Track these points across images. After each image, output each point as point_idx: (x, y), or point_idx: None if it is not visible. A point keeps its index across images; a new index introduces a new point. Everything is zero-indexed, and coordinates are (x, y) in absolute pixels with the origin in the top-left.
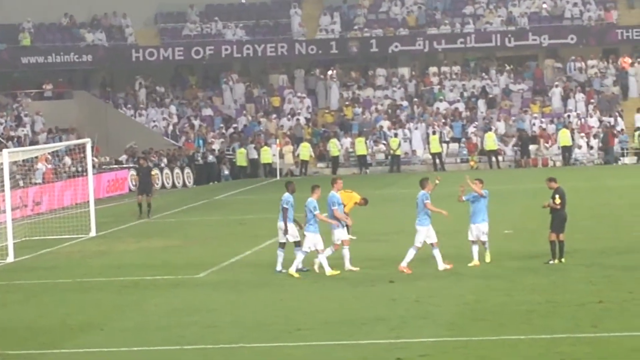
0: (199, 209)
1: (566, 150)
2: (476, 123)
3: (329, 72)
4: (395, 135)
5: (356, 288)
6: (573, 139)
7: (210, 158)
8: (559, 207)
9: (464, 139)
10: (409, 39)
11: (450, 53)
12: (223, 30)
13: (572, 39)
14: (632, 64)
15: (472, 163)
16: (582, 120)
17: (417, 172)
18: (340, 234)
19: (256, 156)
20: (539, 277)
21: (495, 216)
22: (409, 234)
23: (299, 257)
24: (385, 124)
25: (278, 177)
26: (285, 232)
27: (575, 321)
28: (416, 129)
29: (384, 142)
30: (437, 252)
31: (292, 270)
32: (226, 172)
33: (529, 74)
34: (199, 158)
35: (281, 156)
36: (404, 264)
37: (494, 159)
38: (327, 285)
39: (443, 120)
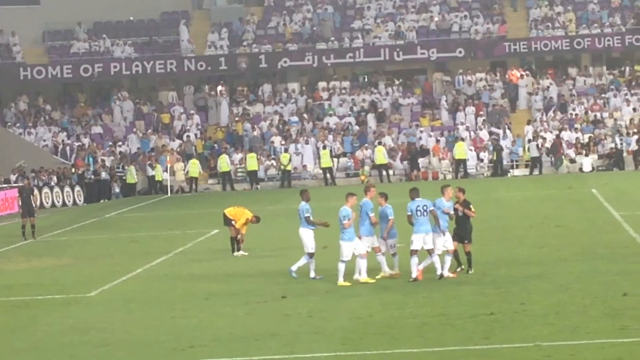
0: (90, 227)
1: (461, 163)
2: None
3: (219, 88)
4: (286, 150)
5: (248, 304)
6: (478, 153)
7: (104, 175)
8: (473, 215)
9: (349, 153)
10: (297, 54)
11: (340, 68)
12: (112, 47)
13: (460, 52)
14: (520, 77)
15: (362, 177)
16: (472, 133)
17: (308, 187)
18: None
19: (150, 173)
20: (431, 290)
21: None
22: (299, 249)
23: (308, 263)
24: (276, 139)
25: (169, 194)
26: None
27: (467, 333)
28: (307, 143)
29: (274, 157)
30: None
31: (350, 278)
32: (117, 189)
33: (417, 87)
34: (90, 176)
35: (172, 173)
36: (444, 271)
37: (384, 172)
38: (219, 302)
39: (333, 135)
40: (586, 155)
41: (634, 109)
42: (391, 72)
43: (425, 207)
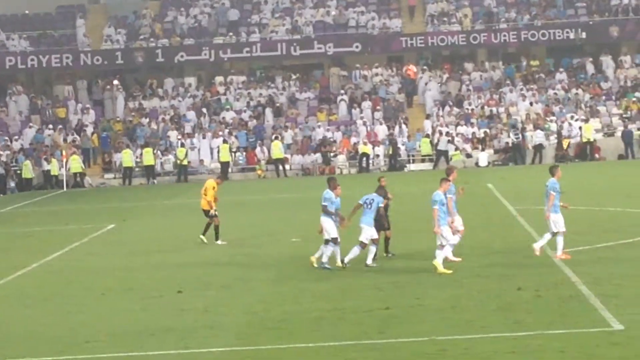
0: None
1: (364, 157)
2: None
3: (115, 83)
4: (182, 145)
5: (144, 299)
6: (374, 147)
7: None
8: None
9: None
10: (195, 48)
11: (237, 62)
12: (7, 41)
13: (357, 47)
14: (417, 72)
15: (259, 172)
16: (369, 127)
17: (204, 182)
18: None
19: (47, 168)
20: (327, 284)
21: (283, 225)
22: (196, 244)
23: (328, 251)
24: (173, 134)
25: (65, 189)
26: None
27: (363, 328)
28: (203, 138)
29: (172, 152)
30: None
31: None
32: (12, 184)
33: (314, 82)
34: None
35: (67, 168)
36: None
37: (280, 167)
38: (115, 297)
39: (230, 130)
40: (482, 150)
41: (530, 104)
42: (288, 67)
43: (372, 200)
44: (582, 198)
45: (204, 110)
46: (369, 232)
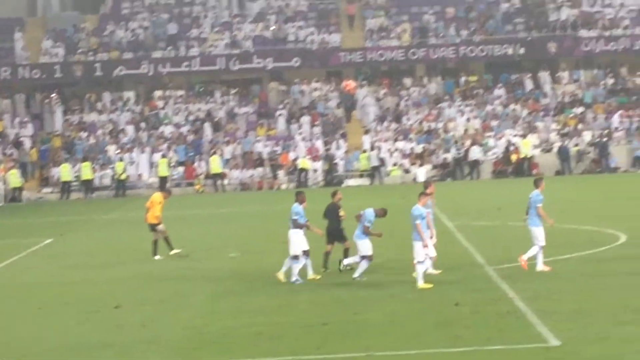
0: None
1: (302, 172)
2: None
3: (53, 96)
4: (121, 159)
5: (81, 314)
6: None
7: None
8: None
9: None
10: (133, 62)
11: (175, 76)
12: None
13: (296, 62)
14: (356, 87)
15: (197, 186)
16: (308, 142)
17: (143, 196)
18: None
19: None
20: (266, 299)
21: (221, 239)
22: (134, 258)
23: (299, 265)
24: (111, 148)
25: (2, 203)
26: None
27: (301, 343)
28: (142, 152)
29: (110, 166)
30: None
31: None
32: None
33: (253, 97)
34: None
35: (5, 182)
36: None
37: (219, 182)
38: (52, 312)
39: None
40: (420, 165)
41: (468, 120)
42: (227, 81)
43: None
44: (519, 214)
45: (143, 124)
46: (364, 245)
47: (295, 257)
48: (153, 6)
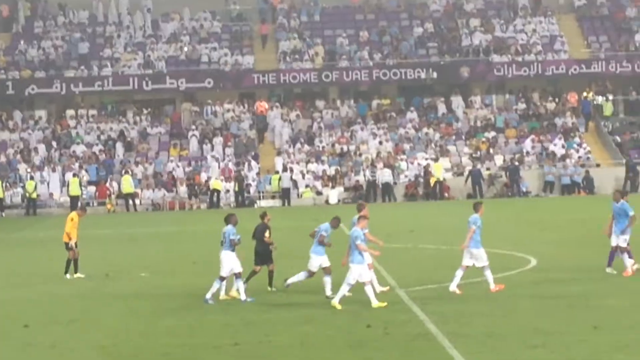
0: None
1: (215, 192)
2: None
3: None
4: (32, 178)
5: None
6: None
7: None
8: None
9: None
10: (45, 81)
11: (88, 96)
12: None
13: (209, 82)
14: (269, 108)
15: (109, 206)
16: (221, 163)
17: (53, 215)
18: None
19: None
20: (176, 319)
21: (132, 259)
22: (44, 277)
23: (241, 286)
24: (22, 166)
25: None
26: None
27: None
28: (53, 171)
29: (21, 184)
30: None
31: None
32: None
33: (166, 117)
34: None
35: None
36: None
37: (131, 202)
38: None
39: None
40: (332, 187)
41: (380, 142)
42: (140, 101)
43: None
44: (431, 237)
45: (54, 143)
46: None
47: (222, 278)
48: (66, 25)
